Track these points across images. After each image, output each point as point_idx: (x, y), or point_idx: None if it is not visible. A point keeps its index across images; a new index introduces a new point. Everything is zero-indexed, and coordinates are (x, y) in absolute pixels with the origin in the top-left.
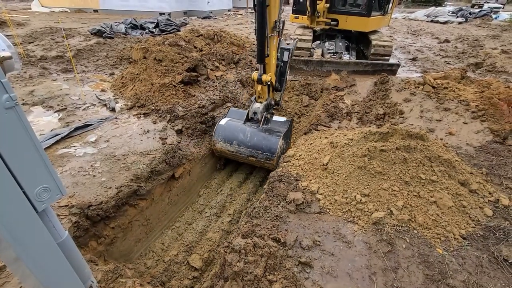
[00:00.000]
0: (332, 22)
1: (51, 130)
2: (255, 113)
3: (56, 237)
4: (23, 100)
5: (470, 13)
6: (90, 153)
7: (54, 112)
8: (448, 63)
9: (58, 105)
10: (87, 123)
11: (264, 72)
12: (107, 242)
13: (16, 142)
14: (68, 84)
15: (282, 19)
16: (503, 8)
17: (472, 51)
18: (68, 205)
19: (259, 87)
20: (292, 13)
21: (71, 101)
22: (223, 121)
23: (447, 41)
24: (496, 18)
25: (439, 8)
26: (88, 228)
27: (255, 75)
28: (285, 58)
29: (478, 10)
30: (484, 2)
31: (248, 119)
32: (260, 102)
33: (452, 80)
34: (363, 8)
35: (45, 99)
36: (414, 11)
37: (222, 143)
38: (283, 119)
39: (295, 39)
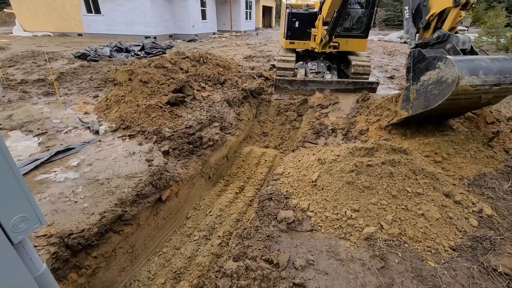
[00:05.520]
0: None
1: (30, 155)
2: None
3: (32, 271)
4: (0, 124)
5: None
6: (72, 178)
7: (34, 137)
8: None
9: (38, 129)
10: (68, 147)
11: None
12: (88, 273)
13: None
14: (50, 108)
15: None
16: (467, 30)
17: None
18: (46, 235)
19: None
20: (286, 39)
21: (52, 124)
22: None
23: None
24: None
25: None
26: (68, 259)
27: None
28: None
29: None
30: None
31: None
32: None
33: None
34: (361, 31)
35: (24, 123)
36: (388, 33)
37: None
38: None
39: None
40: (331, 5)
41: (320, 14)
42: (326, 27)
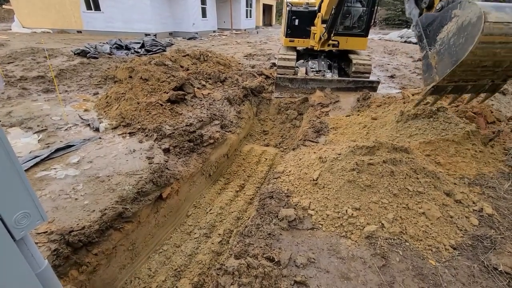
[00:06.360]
0: (334, 44)
1: (30, 152)
2: None
3: (34, 267)
4: (0, 121)
5: None
6: (72, 175)
7: (34, 133)
8: None
9: (38, 126)
10: (69, 144)
11: None
12: (89, 270)
13: None
14: (49, 105)
15: None
16: None
17: None
18: (47, 232)
19: None
20: (286, 37)
21: (52, 121)
22: None
23: (420, 59)
24: None
25: (411, 29)
26: (68, 256)
27: None
28: None
29: None
30: None
31: None
32: None
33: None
34: (362, 29)
35: (24, 120)
36: (388, 33)
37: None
38: None
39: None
40: (329, 3)
41: (319, 12)
42: (325, 25)
